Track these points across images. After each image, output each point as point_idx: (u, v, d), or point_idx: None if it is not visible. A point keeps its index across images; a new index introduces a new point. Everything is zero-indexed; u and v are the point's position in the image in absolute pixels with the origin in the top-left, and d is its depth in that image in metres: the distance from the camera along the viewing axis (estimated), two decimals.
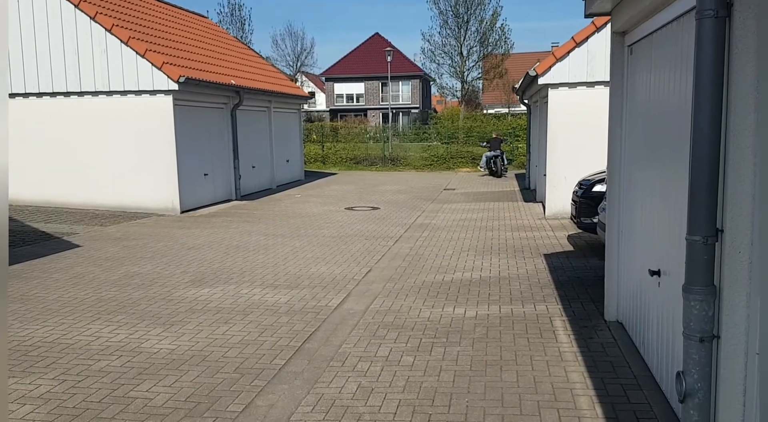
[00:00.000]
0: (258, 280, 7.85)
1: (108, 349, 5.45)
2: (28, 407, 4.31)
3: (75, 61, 13.38)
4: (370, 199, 16.25)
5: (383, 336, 5.72)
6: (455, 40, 47.13)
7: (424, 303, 6.76)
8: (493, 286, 7.44)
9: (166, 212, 13.47)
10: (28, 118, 13.85)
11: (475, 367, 4.95)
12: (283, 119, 20.30)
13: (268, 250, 9.72)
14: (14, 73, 13.68)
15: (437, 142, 28.90)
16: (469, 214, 13.47)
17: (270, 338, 5.71)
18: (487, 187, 19.03)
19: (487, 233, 11.10)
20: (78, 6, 13.13)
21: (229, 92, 15.58)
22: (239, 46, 22.59)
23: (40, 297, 7.06)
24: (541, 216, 13.03)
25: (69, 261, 8.87)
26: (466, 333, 5.75)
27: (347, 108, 58.45)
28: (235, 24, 47.68)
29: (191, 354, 5.31)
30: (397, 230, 11.51)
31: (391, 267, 8.50)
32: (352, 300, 6.93)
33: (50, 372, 4.92)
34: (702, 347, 2.97)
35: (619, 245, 5.77)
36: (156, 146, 13.30)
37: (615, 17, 5.52)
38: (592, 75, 11.82)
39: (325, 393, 4.52)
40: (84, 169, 13.73)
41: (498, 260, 8.89)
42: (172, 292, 7.29)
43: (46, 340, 5.66)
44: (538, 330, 5.82)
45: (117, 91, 13.35)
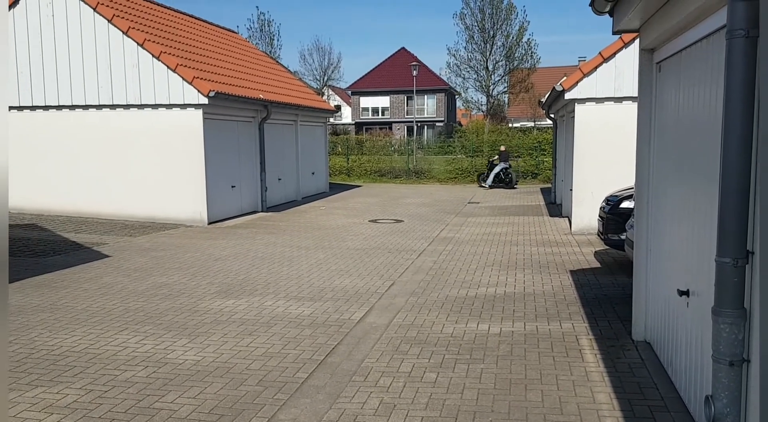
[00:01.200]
0: (282, 292, 7.90)
1: (134, 359, 5.52)
2: (55, 416, 4.38)
3: (107, 74, 13.70)
4: (393, 212, 16.26)
5: (406, 351, 5.70)
6: (481, 54, 47.19)
7: (448, 319, 6.73)
8: (518, 302, 7.37)
9: (193, 223, 13.65)
10: (61, 129, 14.19)
11: (500, 385, 4.90)
12: (309, 132, 20.49)
13: (292, 262, 9.78)
14: (48, 85, 14.06)
15: (462, 155, 28.85)
16: (493, 228, 13.39)
17: (293, 351, 5.74)
18: (512, 201, 18.91)
19: (511, 248, 11.02)
20: (111, 21, 13.47)
21: (257, 106, 15.79)
22: (268, 60, 22.91)
23: (69, 307, 7.19)
24: (567, 231, 12.90)
25: (98, 272, 9.03)
26: (490, 350, 5.70)
27: (372, 121, 58.74)
28: (264, 39, 48.43)
29: (216, 366, 5.36)
30: (421, 243, 11.49)
31: (415, 281, 8.48)
32: (374, 314, 6.92)
33: (77, 382, 5.00)
34: (731, 371, 2.90)
35: (647, 263, 5.68)
36: (185, 158, 13.52)
37: (643, 34, 5.49)
38: (619, 90, 11.73)
39: (347, 409, 4.52)
40: (115, 180, 14.01)
41: (523, 275, 8.81)
42: (198, 303, 7.37)
43: (74, 350, 5.76)
44: (564, 348, 5.74)
45: (148, 105, 13.63)
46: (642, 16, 5.16)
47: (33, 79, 14.15)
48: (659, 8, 4.72)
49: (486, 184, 23.16)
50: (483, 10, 46.47)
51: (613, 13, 5.60)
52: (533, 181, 25.98)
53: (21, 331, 6.27)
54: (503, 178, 22.93)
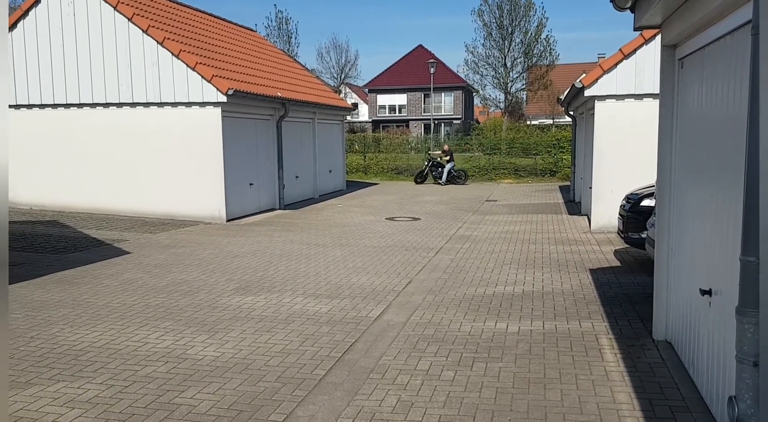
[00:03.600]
0: (300, 289, 7.93)
1: (155, 355, 5.58)
2: (77, 411, 4.44)
3: (127, 72, 13.85)
4: (410, 210, 16.24)
5: (423, 349, 5.69)
6: (499, 51, 46.91)
7: (465, 317, 6.70)
8: (537, 301, 7.32)
9: (212, 220, 13.76)
10: (82, 127, 14.37)
11: (518, 384, 4.88)
12: (326, 130, 20.54)
13: (309, 259, 9.81)
14: (69, 83, 14.24)
15: (479, 153, 28.72)
16: (511, 226, 13.32)
17: (311, 348, 5.76)
18: (530, 199, 18.79)
19: (530, 246, 10.95)
20: (131, 19, 13.60)
21: (275, 104, 15.86)
22: (285, 58, 22.99)
23: (90, 303, 7.28)
24: (586, 229, 12.79)
25: (119, 268, 9.14)
26: (508, 349, 5.68)
27: (389, 119, 58.71)
28: (282, 37, 48.63)
29: (235, 362, 5.39)
30: (438, 241, 11.47)
31: (432, 279, 8.47)
32: (392, 312, 6.92)
33: (98, 377, 5.07)
34: (756, 372, 2.85)
35: (668, 262, 5.61)
36: (204, 156, 13.62)
37: (665, 31, 5.41)
38: (640, 87, 11.60)
39: (365, 406, 4.52)
40: (135, 177, 14.16)
41: (541, 274, 8.75)
42: (218, 300, 7.43)
43: (95, 345, 5.84)
44: (583, 347, 5.69)
45: (168, 103, 13.75)
46: (664, 12, 5.09)
47: (54, 77, 14.34)
48: (682, 4, 4.65)
49: (442, 181, 23.82)
50: (501, 7, 46.20)
51: (634, 9, 5.53)
52: (551, 179, 25.79)
53: (43, 327, 6.37)
54: (455, 174, 24.08)
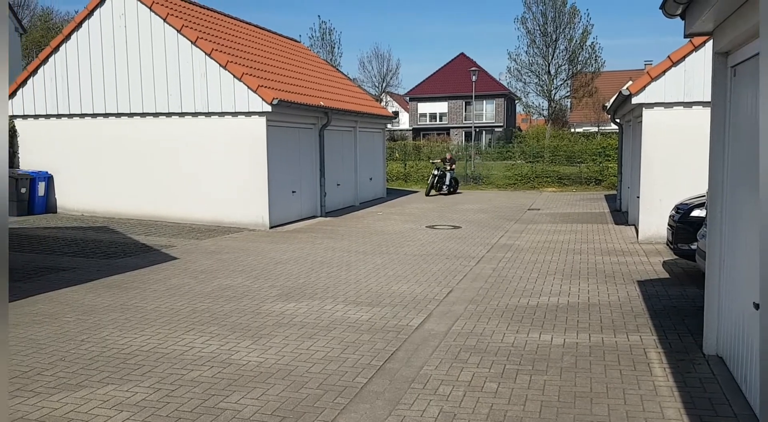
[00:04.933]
0: (341, 296, 7.97)
1: (200, 359, 5.69)
2: (125, 414, 4.55)
3: (177, 83, 14.22)
4: (451, 218, 16.16)
5: (465, 360, 5.64)
6: (543, 58, 46.44)
7: (508, 328, 6.62)
8: (582, 313, 7.18)
9: (256, 227, 13.97)
10: (132, 135, 14.81)
11: (563, 398, 4.78)
12: (367, 138, 20.66)
13: (350, 267, 9.86)
14: (120, 94, 14.71)
15: (521, 161, 28.40)
16: (555, 236, 13.11)
17: (352, 355, 5.77)
18: (575, 208, 18.47)
19: (575, 256, 10.76)
20: (180, 31, 13.97)
21: (318, 113, 16.04)
22: (328, 68, 23.26)
23: (138, 307, 7.48)
24: (633, 240, 12.49)
25: (166, 273, 9.36)
26: (553, 362, 5.58)
27: (430, 127, 58.68)
28: (326, 47, 49.21)
29: (278, 368, 5.45)
30: (479, 250, 11.37)
31: (473, 289, 8.40)
32: (433, 321, 6.89)
33: (146, 380, 5.19)
34: None
35: (720, 274, 5.44)
36: (249, 164, 13.87)
37: (717, 37, 5.27)
38: (689, 95, 11.32)
39: (406, 416, 4.50)
40: (182, 185, 14.50)
41: (587, 285, 8.58)
42: (261, 306, 7.53)
43: (143, 349, 5.98)
44: (631, 361, 5.55)
45: (215, 113, 14.06)
46: (716, 19, 4.96)
47: (106, 87, 14.82)
48: (735, 10, 4.52)
49: (445, 189, 23.26)
50: (545, 14, 45.76)
51: (684, 16, 5.40)
52: (597, 188, 25.31)
53: (93, 330, 6.56)
54: (453, 184, 23.54)
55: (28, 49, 37.86)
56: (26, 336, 6.32)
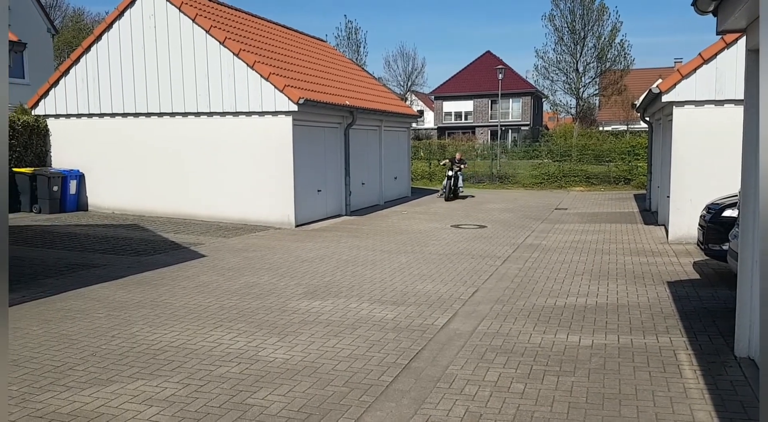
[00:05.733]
0: (366, 295, 8.00)
1: (228, 356, 5.76)
2: (155, 409, 4.63)
3: (205, 83, 14.39)
4: (476, 217, 16.09)
5: (491, 360, 5.62)
6: (571, 56, 45.93)
7: (535, 328, 6.57)
8: (611, 314, 7.09)
9: (282, 226, 14.08)
10: (161, 135, 15.04)
11: (591, 400, 4.73)
12: (392, 137, 20.67)
13: (375, 265, 9.88)
14: (150, 93, 14.94)
15: (548, 160, 28.13)
16: (583, 236, 12.97)
17: (377, 354, 5.79)
18: (603, 208, 18.24)
19: (603, 256, 10.63)
20: (209, 31, 14.14)
21: (343, 112, 16.10)
22: (354, 67, 23.32)
23: (168, 304, 7.60)
24: (663, 240, 12.29)
25: (195, 270, 9.49)
26: (581, 363, 5.52)
27: (455, 125, 58.45)
28: (351, 47, 49.43)
29: (304, 365, 5.49)
30: (505, 250, 11.30)
31: (499, 289, 8.35)
32: (458, 321, 6.87)
33: (175, 376, 5.27)
34: None
35: (752, 275, 5.33)
36: (275, 164, 13.98)
37: (750, 34, 5.17)
38: (721, 93, 11.10)
39: (432, 415, 4.50)
40: (210, 183, 14.68)
41: (616, 286, 8.47)
42: (287, 303, 7.59)
43: (173, 345, 6.08)
44: (660, 363, 5.47)
45: (242, 112, 14.20)
46: (749, 15, 4.86)
47: (136, 87, 15.08)
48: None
49: (462, 191, 21.34)
50: (573, 11, 45.23)
51: (717, 13, 5.31)
52: (626, 187, 24.96)
53: (123, 326, 6.69)
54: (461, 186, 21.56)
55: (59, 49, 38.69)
56: (58, 331, 6.47)
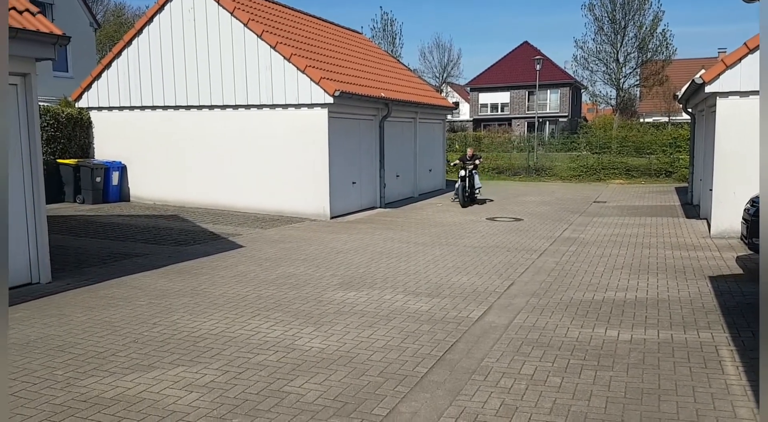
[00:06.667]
0: (400, 287, 8.01)
1: (266, 344, 5.85)
2: (195, 395, 4.73)
3: (243, 76, 14.56)
4: (512, 210, 15.93)
5: (527, 354, 5.58)
6: (611, 46, 44.96)
7: (572, 322, 6.49)
8: (651, 309, 6.96)
9: (317, 217, 14.19)
10: (200, 127, 15.28)
11: (630, 395, 4.66)
12: (427, 129, 20.59)
13: (409, 258, 9.88)
14: (190, 86, 15.18)
15: (587, 152, 27.63)
16: (622, 229, 12.73)
17: (412, 345, 5.80)
18: (643, 201, 17.86)
19: (643, 250, 10.42)
20: (246, 24, 14.28)
21: (378, 104, 16.10)
22: (389, 59, 23.28)
23: (207, 293, 7.75)
24: (705, 234, 11.98)
25: (233, 260, 9.65)
26: (619, 358, 5.44)
27: (491, 117, 57.89)
28: (387, 38, 49.28)
29: (339, 355, 5.55)
30: (542, 243, 11.17)
31: (536, 282, 8.27)
32: (493, 313, 6.83)
33: (215, 363, 5.38)
34: None
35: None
36: (311, 156, 14.08)
37: None
38: None
39: (467, 407, 4.50)
40: (248, 175, 14.87)
41: (656, 280, 8.30)
42: (323, 294, 7.67)
43: (212, 332, 6.20)
44: (701, 359, 5.35)
45: (279, 105, 14.33)
46: None
47: (176, 80, 15.34)
48: None
49: (478, 193, 17.33)
50: (614, 0, 44.21)
51: None
52: (667, 180, 24.38)
53: (165, 313, 6.85)
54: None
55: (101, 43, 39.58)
56: (101, 318, 6.66)
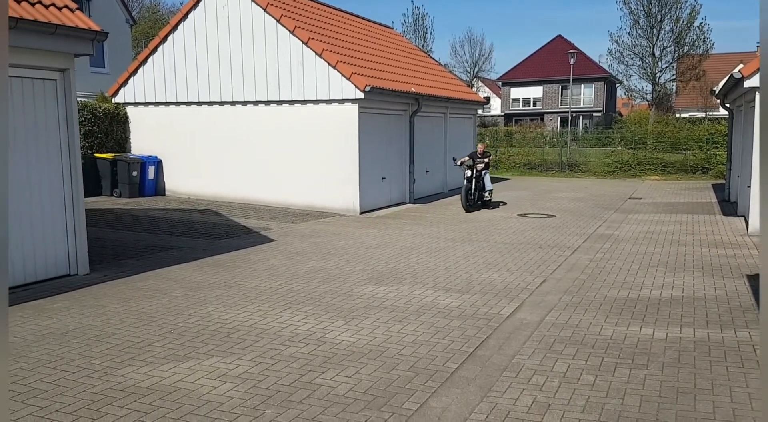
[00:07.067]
0: (430, 282, 8.00)
1: (297, 337, 5.91)
2: (229, 385, 4.81)
3: (275, 71, 14.67)
4: (544, 206, 15.76)
5: (560, 351, 5.52)
6: (647, 40, 43.94)
7: (606, 320, 6.40)
8: (687, 307, 6.82)
9: (347, 212, 14.25)
10: (232, 123, 15.46)
11: (665, 394, 4.59)
12: (458, 124, 20.47)
13: (439, 253, 9.85)
14: (224, 82, 15.36)
15: (621, 148, 27.15)
16: (657, 226, 12.49)
17: (442, 340, 5.80)
18: (679, 198, 17.49)
19: (679, 248, 10.21)
20: (279, 20, 14.38)
21: (409, 99, 16.07)
22: (420, 54, 23.19)
23: (240, 285, 7.85)
24: (743, 232, 11.68)
25: (265, 254, 9.75)
26: (654, 356, 5.35)
27: (523, 112, 57.28)
28: (418, 33, 49.03)
29: (369, 349, 5.57)
30: (575, 240, 11.03)
31: (568, 279, 8.17)
32: (525, 310, 6.78)
33: (248, 354, 5.46)
34: None
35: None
36: (341, 151, 14.14)
37: None
38: None
39: (498, 403, 4.48)
40: (278, 171, 15.00)
41: (692, 278, 8.13)
42: (353, 288, 7.70)
43: (245, 324, 6.29)
44: (738, 358, 5.23)
45: (310, 100, 14.41)
46: None
47: (210, 76, 15.53)
48: None
49: (488, 196, 15.36)
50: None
51: None
52: (703, 177, 23.83)
53: (199, 305, 6.96)
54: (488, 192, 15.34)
55: (137, 39, 40.30)
56: (138, 309, 6.81)
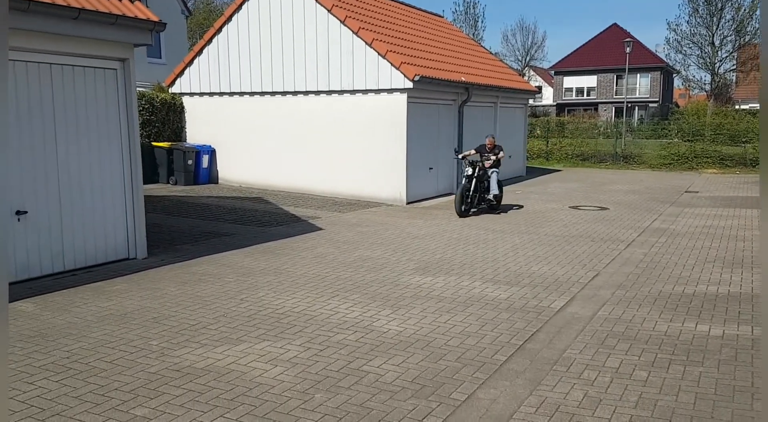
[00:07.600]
0: (478, 274, 7.95)
1: (345, 324, 5.98)
2: (279, 368, 4.92)
3: (326, 61, 14.77)
4: (597, 199, 15.41)
5: (612, 346, 5.41)
6: (706, 29, 42.27)
7: (661, 316, 6.24)
8: (745, 304, 6.58)
9: (394, 202, 14.27)
10: (285, 113, 15.66)
11: (721, 392, 4.45)
12: (508, 114, 20.17)
13: (487, 245, 9.77)
14: (275, 72, 15.56)
15: (678, 140, 26.26)
16: (715, 221, 12.06)
17: (490, 332, 5.76)
18: (738, 192, 16.82)
19: (737, 243, 9.84)
20: (330, 10, 14.45)
21: (458, 89, 15.92)
22: (470, 43, 22.93)
23: (289, 272, 7.99)
24: None
25: (313, 242, 9.88)
26: (710, 353, 5.19)
27: (575, 102, 56.01)
28: (469, 21, 48.53)
29: (416, 338, 5.59)
30: (629, 233, 10.76)
31: (622, 273, 7.99)
32: (576, 304, 6.67)
33: (297, 340, 5.56)
34: None
35: None
36: (389, 141, 14.14)
37: None
38: None
39: (548, 397, 4.43)
40: (327, 160, 15.14)
41: (751, 275, 7.83)
42: (399, 278, 7.73)
43: (294, 310, 6.40)
44: None
45: (359, 90, 14.45)
46: None
47: (263, 67, 15.76)
48: None
49: (492, 197, 13.00)
50: None
51: None
52: None
53: (251, 290, 7.12)
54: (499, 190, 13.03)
55: (192, 30, 41.19)
56: (193, 293, 7.01)
